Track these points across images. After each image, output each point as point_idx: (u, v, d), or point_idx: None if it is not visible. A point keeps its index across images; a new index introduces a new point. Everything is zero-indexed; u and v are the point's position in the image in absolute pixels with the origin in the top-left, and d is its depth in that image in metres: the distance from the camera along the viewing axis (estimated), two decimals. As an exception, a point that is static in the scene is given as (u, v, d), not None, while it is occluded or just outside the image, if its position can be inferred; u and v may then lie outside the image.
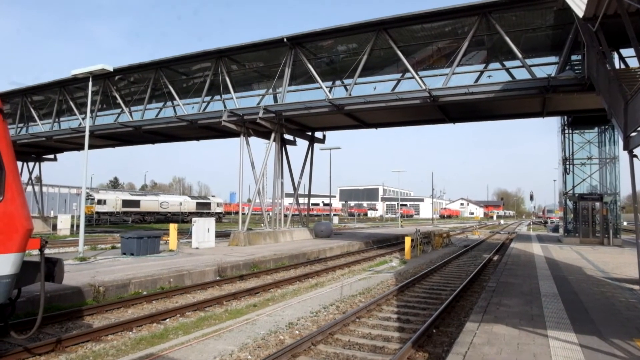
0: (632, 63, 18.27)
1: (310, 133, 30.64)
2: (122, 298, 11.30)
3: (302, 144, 30.54)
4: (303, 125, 29.31)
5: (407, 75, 22.12)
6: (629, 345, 6.32)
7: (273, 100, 26.00)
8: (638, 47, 9.89)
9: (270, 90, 26.58)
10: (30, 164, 40.97)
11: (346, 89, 22.62)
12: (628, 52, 18.82)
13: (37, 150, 39.72)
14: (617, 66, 18.16)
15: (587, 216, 25.49)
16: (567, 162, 27.20)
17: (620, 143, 11.80)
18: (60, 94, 30.91)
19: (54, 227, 38.43)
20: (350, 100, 22.03)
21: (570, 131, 27.37)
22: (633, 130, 10.17)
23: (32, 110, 33.00)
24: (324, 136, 31.77)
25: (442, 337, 8.35)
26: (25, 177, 40.23)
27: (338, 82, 25.45)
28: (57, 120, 33.11)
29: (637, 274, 11.08)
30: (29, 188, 40.62)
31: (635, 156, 10.56)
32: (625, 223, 47.47)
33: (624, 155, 13.25)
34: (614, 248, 22.69)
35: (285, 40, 22.26)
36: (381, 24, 20.42)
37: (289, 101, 23.94)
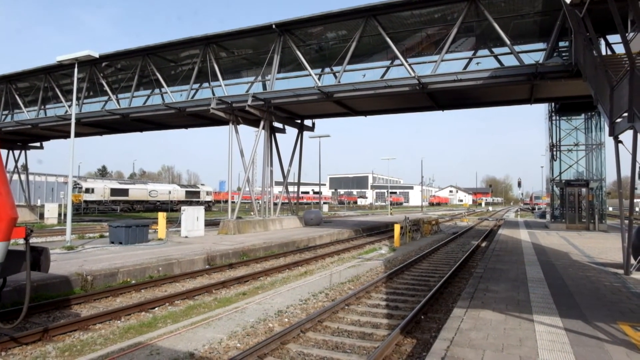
0: (619, 49, 18.39)
1: (299, 121, 30.48)
2: (110, 287, 11.24)
3: (292, 132, 30.46)
4: (292, 113, 29.15)
5: (396, 62, 21.99)
6: (612, 328, 6.43)
7: (262, 88, 25.75)
8: (624, 33, 9.93)
9: (259, 78, 26.31)
10: (16, 152, 40.29)
11: (335, 77, 22.48)
12: (614, 38, 18.93)
13: (22, 138, 39.06)
14: (603, 52, 18.27)
15: (574, 202, 25.79)
16: (554, 149, 27.44)
17: (606, 129, 11.92)
18: (46, 81, 30.34)
19: (41, 216, 38.04)
20: (339, 88, 21.93)
21: (558, 118, 27.57)
22: (618, 116, 10.27)
23: (17, 97, 32.35)
24: (314, 124, 31.66)
25: (430, 323, 8.43)
26: (11, 166, 39.63)
27: (327, 70, 25.23)
28: (43, 107, 32.53)
29: (622, 258, 11.28)
30: (15, 176, 40.08)
31: (621, 142, 10.69)
32: (610, 208, 48.19)
33: (609, 142, 13.39)
34: (600, 233, 23.01)
35: (273, 26, 22.00)
36: (370, 10, 20.25)
37: (278, 89, 23.74)
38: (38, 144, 41.02)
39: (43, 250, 6.73)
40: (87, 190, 53.46)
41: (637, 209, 50.64)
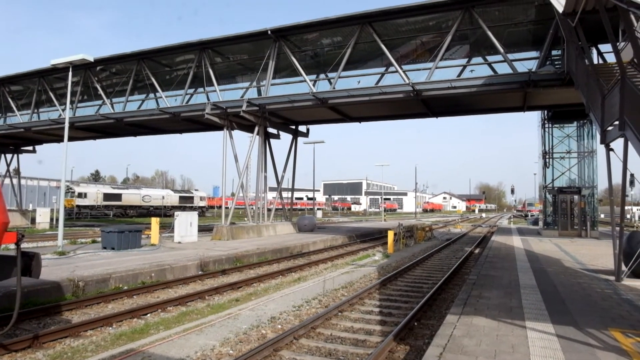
0: (610, 58, 18.60)
1: (294, 127, 30.52)
2: (102, 293, 11.17)
3: (286, 137, 30.50)
4: (287, 118, 29.20)
5: (391, 69, 22.13)
6: (603, 334, 6.46)
7: (257, 94, 25.80)
8: (615, 43, 10.06)
9: (254, 84, 26.37)
10: (8, 156, 39.99)
11: (330, 83, 22.56)
12: (606, 47, 19.14)
13: (15, 142, 38.81)
14: (595, 61, 18.47)
15: (566, 209, 25.93)
16: (547, 156, 27.63)
17: (598, 137, 12.03)
18: (40, 84, 30.23)
19: (33, 220, 37.71)
20: (334, 94, 21.99)
21: (550, 125, 27.78)
22: (609, 125, 10.38)
23: (10, 100, 32.17)
24: (308, 130, 31.68)
25: (423, 330, 8.44)
26: (2, 169, 39.39)
27: (322, 76, 25.35)
28: (36, 111, 32.38)
29: (613, 265, 11.35)
30: (7, 180, 39.79)
31: (612, 150, 10.79)
32: (602, 215, 48.51)
33: (601, 149, 13.52)
34: (591, 240, 23.15)
35: (269, 32, 22.07)
36: (366, 17, 20.38)
37: (272, 94, 23.79)
38: (31, 148, 40.76)
39: (34, 256, 6.67)
40: (80, 195, 53.15)
41: (628, 216, 51.04)
